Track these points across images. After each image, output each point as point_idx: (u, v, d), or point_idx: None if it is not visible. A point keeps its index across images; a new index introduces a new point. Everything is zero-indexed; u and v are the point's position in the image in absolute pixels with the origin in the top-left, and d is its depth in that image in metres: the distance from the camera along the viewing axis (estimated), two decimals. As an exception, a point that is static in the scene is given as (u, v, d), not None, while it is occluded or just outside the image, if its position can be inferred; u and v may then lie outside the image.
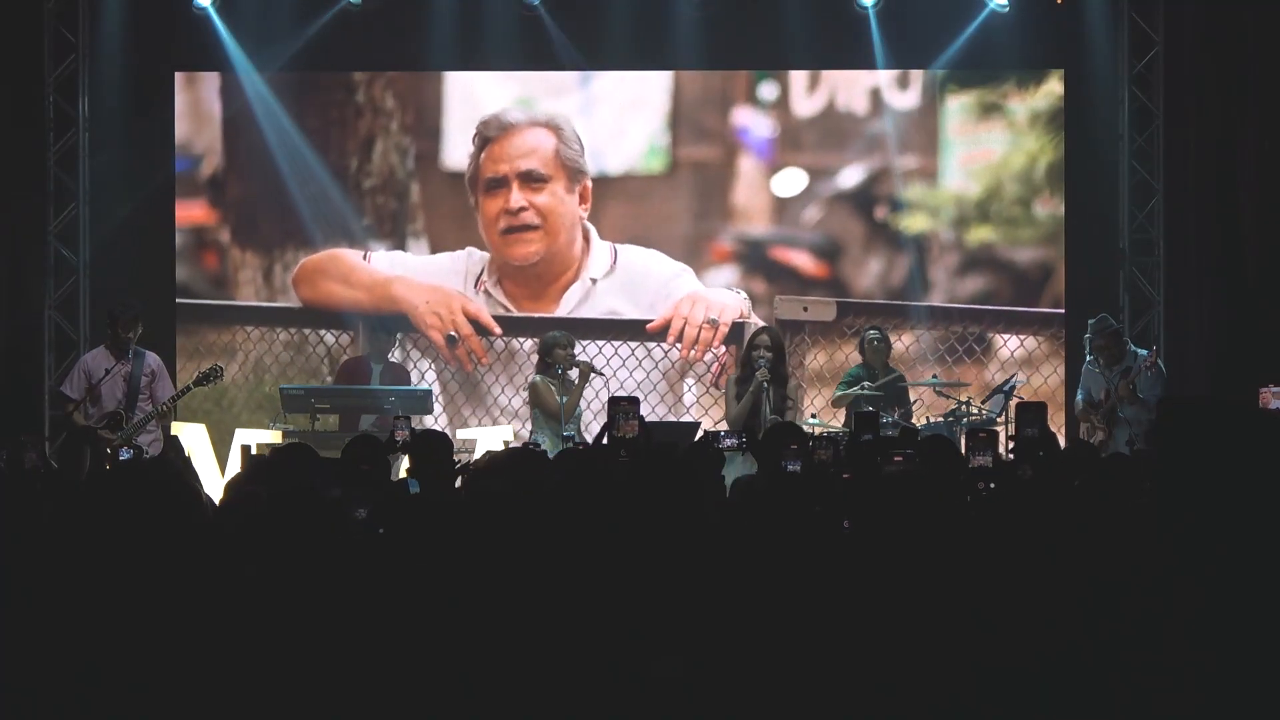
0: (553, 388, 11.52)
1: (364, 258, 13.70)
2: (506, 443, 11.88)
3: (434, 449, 6.22)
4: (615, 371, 13.30)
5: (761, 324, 12.70)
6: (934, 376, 12.71)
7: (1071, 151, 13.43)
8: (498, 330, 13.46)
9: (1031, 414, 4.42)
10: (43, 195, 13.40)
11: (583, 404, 11.77)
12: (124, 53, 13.42)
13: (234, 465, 11.31)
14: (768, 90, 13.81)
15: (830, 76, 13.70)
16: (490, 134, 13.54)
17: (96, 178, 13.51)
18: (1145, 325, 13.07)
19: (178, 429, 11.65)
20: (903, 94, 13.71)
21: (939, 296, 13.64)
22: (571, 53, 13.54)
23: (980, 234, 13.65)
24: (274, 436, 11.77)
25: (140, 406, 11.71)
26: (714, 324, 13.31)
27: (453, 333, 13.39)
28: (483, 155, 13.52)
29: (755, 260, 13.78)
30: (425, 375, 13.49)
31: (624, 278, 13.52)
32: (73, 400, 11.79)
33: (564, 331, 12.04)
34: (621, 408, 7.03)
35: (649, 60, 13.65)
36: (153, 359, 12.00)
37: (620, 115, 13.82)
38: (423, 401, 12.17)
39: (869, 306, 13.43)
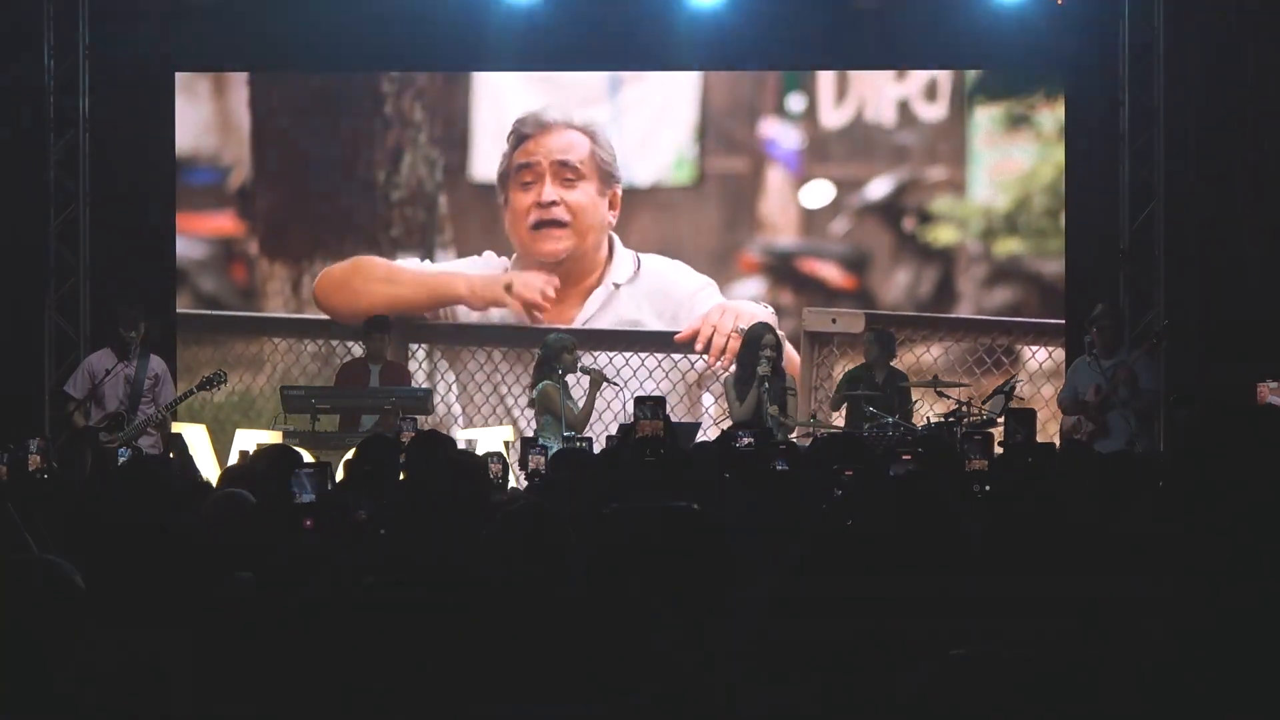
0: (562, 392, 11.58)
1: (386, 265, 13.74)
2: (507, 443, 11.86)
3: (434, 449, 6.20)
4: (630, 380, 13.24)
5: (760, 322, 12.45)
6: (934, 377, 12.63)
7: (1072, 152, 13.40)
8: (550, 293, 13.32)
9: (1019, 421, 4.39)
10: (43, 196, 13.44)
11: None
12: (126, 52, 13.45)
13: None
14: (795, 102, 13.79)
15: (858, 88, 13.67)
16: (526, 131, 13.55)
17: (97, 178, 13.54)
18: (1145, 325, 12.99)
19: (178, 429, 11.66)
20: (930, 105, 13.68)
21: (966, 308, 13.59)
22: (597, 54, 13.57)
23: (1008, 246, 13.60)
24: (274, 437, 11.77)
25: (142, 409, 11.75)
26: (742, 333, 13.26)
27: (510, 283, 13.34)
28: (516, 152, 13.53)
29: (783, 272, 13.76)
30: (448, 381, 13.46)
31: (647, 286, 13.51)
32: (74, 399, 11.85)
33: (568, 335, 12.08)
34: (647, 407, 6.95)
35: (674, 61, 13.64)
36: (158, 363, 12.05)
37: (648, 126, 13.82)
38: (423, 401, 12.16)
39: (897, 318, 13.38)
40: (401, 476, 6.19)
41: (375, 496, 5.98)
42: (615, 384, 12.34)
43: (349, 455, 7.21)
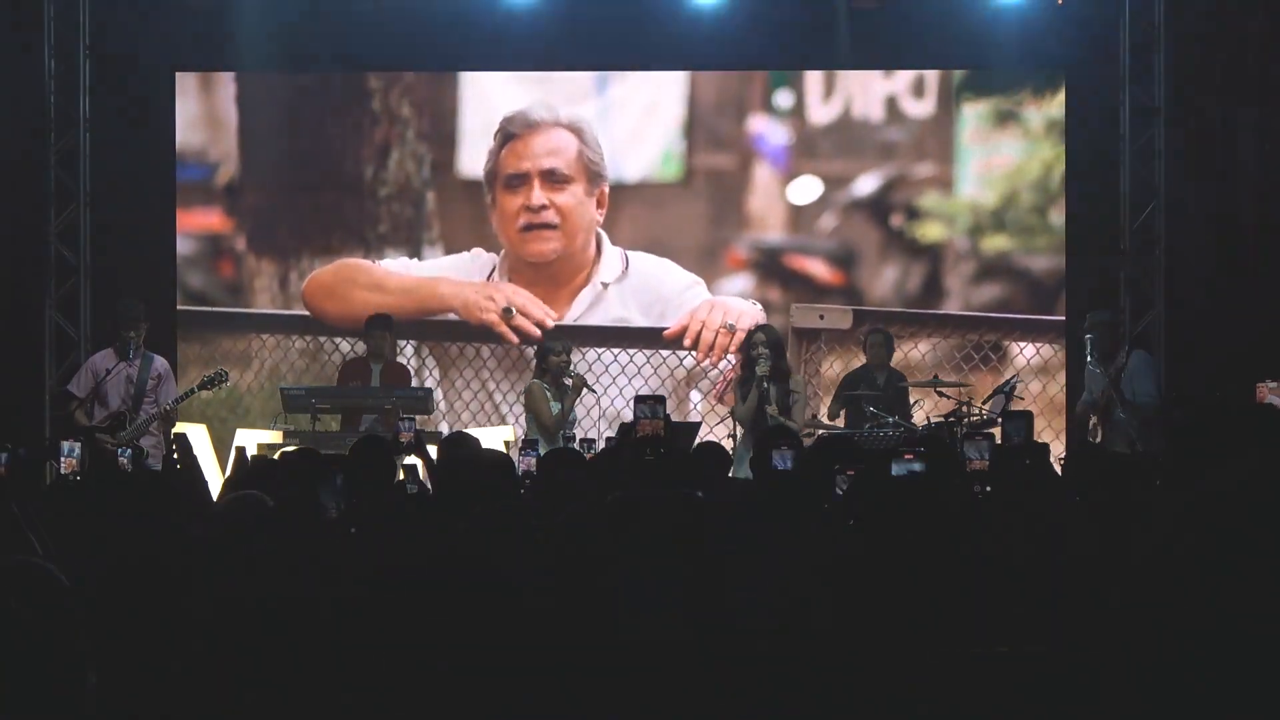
0: (548, 393, 11.60)
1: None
2: (507, 443, 11.87)
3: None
4: (619, 377, 13.25)
5: (757, 324, 12.53)
6: (935, 377, 12.65)
7: (1072, 152, 13.41)
8: (549, 323, 13.29)
9: (1016, 423, 4.37)
10: (43, 195, 13.39)
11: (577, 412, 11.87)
12: (126, 52, 13.40)
13: (235, 466, 11.32)
14: (783, 98, 13.79)
15: (846, 84, 13.68)
16: (514, 130, 13.52)
17: (97, 178, 13.49)
18: (1145, 325, 13.01)
19: (180, 430, 11.64)
20: (918, 102, 13.69)
21: (954, 304, 13.61)
22: (586, 53, 13.55)
23: (995, 242, 13.63)
24: (274, 437, 11.76)
25: (145, 409, 11.74)
26: (731, 329, 13.28)
27: (509, 306, 13.31)
28: (504, 151, 13.50)
29: (771, 268, 13.76)
30: (435, 377, 13.46)
31: (635, 284, 13.50)
32: (76, 399, 11.84)
33: (562, 339, 12.10)
34: (647, 406, 6.92)
35: (663, 61, 13.63)
36: (160, 362, 12.05)
37: (636, 122, 13.81)
38: (423, 402, 12.16)
39: (885, 314, 13.39)
40: (400, 476, 6.18)
41: (349, 496, 5.96)
42: (593, 391, 12.33)
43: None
